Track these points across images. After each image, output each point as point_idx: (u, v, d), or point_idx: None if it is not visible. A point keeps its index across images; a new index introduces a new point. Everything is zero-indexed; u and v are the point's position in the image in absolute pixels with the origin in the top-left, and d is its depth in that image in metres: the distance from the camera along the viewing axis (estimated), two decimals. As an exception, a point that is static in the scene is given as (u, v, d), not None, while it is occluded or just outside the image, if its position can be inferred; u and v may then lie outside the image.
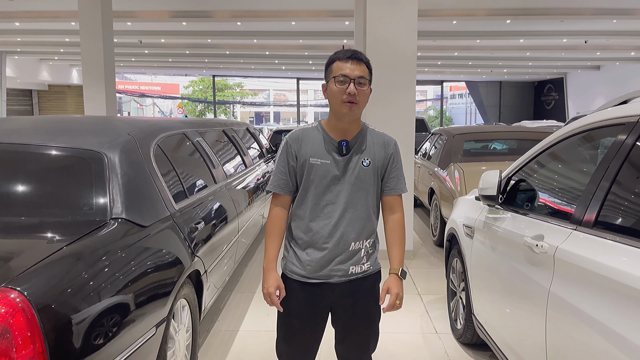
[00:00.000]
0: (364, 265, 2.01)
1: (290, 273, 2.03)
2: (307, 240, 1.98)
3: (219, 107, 34.26)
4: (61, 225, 2.23)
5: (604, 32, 13.87)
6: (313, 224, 1.96)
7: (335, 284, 1.99)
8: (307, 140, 1.97)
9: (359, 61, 1.89)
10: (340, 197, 1.94)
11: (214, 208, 3.47)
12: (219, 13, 11.58)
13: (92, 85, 8.49)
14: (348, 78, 1.86)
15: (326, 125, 1.99)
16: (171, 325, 2.46)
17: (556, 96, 27.80)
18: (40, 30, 14.03)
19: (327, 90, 1.93)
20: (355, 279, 2.00)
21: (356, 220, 1.96)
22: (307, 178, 1.96)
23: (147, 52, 17.97)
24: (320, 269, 1.97)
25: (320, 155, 1.94)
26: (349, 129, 1.96)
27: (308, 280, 1.99)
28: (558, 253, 1.92)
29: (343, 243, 1.96)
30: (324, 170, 1.94)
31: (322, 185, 1.94)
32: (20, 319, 1.60)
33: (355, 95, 1.86)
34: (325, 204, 1.95)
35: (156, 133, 3.13)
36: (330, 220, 1.95)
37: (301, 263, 1.99)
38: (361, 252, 2.00)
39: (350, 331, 2.07)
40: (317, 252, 1.97)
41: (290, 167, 1.98)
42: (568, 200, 2.25)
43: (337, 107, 1.90)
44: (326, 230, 1.95)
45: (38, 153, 2.55)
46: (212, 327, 3.69)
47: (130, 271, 2.12)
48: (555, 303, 1.91)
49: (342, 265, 1.97)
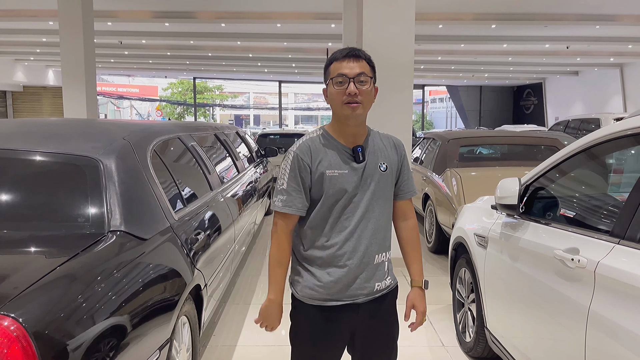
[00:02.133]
0: (387, 281, 1.86)
1: (308, 299, 1.81)
2: (327, 259, 1.78)
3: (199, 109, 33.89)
4: (55, 240, 2.03)
5: (586, 38, 14.06)
6: (334, 240, 1.77)
7: (360, 304, 1.81)
8: (319, 150, 1.76)
9: (357, 58, 1.72)
10: (361, 208, 1.76)
11: (211, 217, 3.29)
12: (203, 14, 11.36)
13: (72, 86, 8.21)
14: (347, 77, 1.69)
15: (332, 132, 1.79)
16: (173, 346, 2.27)
17: (535, 101, 28.19)
18: (17, 29, 13.63)
19: (327, 93, 1.77)
20: (379, 297, 1.85)
21: (379, 231, 1.80)
22: (326, 192, 1.75)
23: (127, 53, 17.62)
24: (346, 288, 1.78)
25: (336, 166, 1.75)
26: (357, 133, 1.78)
27: (330, 304, 1.79)
28: (600, 269, 1.80)
29: (367, 257, 1.78)
30: (342, 181, 1.74)
31: (343, 198, 1.75)
32: (16, 348, 1.41)
33: (357, 95, 1.69)
34: (346, 217, 1.76)
35: (152, 137, 2.94)
36: (353, 234, 1.76)
37: (322, 285, 1.78)
38: (384, 265, 1.85)
39: (372, 354, 1.90)
40: (340, 271, 1.77)
41: (304, 182, 1.76)
42: (604, 212, 2.14)
43: (339, 110, 1.72)
44: (350, 246, 1.76)
45: (27, 159, 2.34)
46: (208, 342, 3.49)
47: (131, 291, 1.92)
48: (597, 321, 1.79)
49: (367, 283, 1.80)
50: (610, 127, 2.11)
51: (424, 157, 6.86)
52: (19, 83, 22.97)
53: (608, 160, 2.33)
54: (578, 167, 2.43)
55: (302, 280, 1.82)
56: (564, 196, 2.45)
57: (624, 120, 2.00)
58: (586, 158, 2.33)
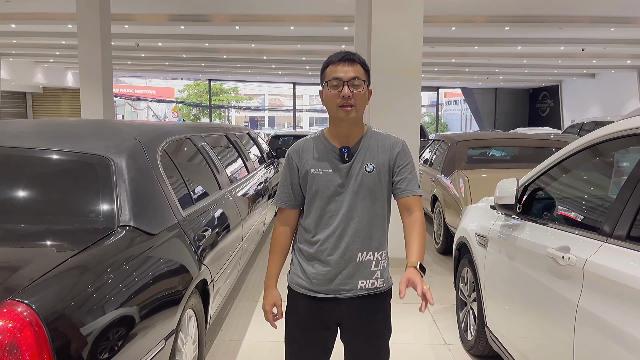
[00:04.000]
0: (376, 281, 1.89)
1: (296, 286, 1.93)
2: (312, 253, 1.88)
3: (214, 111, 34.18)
4: (68, 234, 2.14)
5: (602, 40, 13.95)
6: (318, 236, 1.87)
7: (343, 299, 1.87)
8: (308, 150, 1.89)
9: (352, 62, 1.79)
10: (344, 207, 1.84)
11: (219, 215, 3.38)
12: (217, 17, 11.52)
13: (89, 88, 8.39)
14: (341, 81, 1.76)
15: (327, 134, 1.89)
16: (179, 338, 2.37)
17: (551, 103, 27.95)
18: (37, 32, 13.93)
19: (323, 95, 1.84)
20: (365, 295, 1.88)
21: (362, 229, 1.85)
22: (309, 189, 1.87)
23: (143, 55, 17.88)
24: (327, 283, 1.86)
25: (321, 165, 1.85)
26: (350, 134, 1.85)
27: (315, 295, 1.89)
28: (588, 266, 1.85)
29: (349, 255, 1.85)
30: (325, 180, 1.84)
31: (325, 196, 1.85)
32: (29, 333, 1.51)
33: (351, 98, 1.76)
34: (329, 214, 1.85)
35: (162, 137, 3.05)
36: (335, 232, 1.84)
37: (307, 276, 1.89)
38: (371, 264, 1.88)
39: (358, 351, 1.95)
40: (322, 266, 1.86)
41: (293, 180, 1.90)
42: (595, 212, 2.19)
43: (334, 112, 1.81)
44: (331, 242, 1.85)
45: (43, 157, 2.46)
46: (215, 337, 3.59)
47: (139, 282, 2.02)
48: (584, 317, 1.84)
49: (350, 280, 1.86)
50: (603, 130, 2.17)
51: (433, 159, 6.91)
52: (38, 84, 23.45)
53: (601, 161, 2.38)
54: (573, 168, 2.48)
55: (293, 269, 1.96)
56: (559, 196, 2.51)
57: (615, 123, 2.05)
58: (581, 159, 2.38)
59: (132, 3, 10.42)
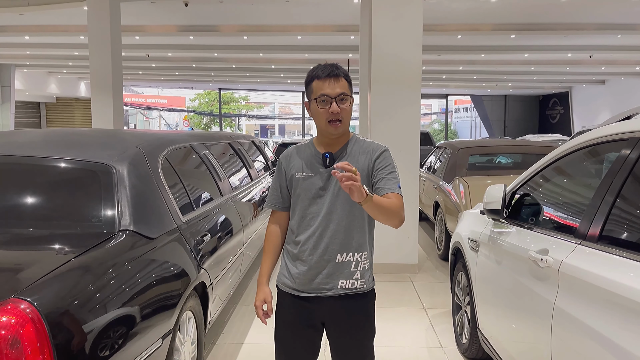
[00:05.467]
0: (356, 282, 1.96)
1: (283, 286, 2.04)
2: (295, 253, 1.99)
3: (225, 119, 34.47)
4: (70, 237, 2.26)
5: (609, 47, 13.94)
6: (300, 236, 1.98)
7: (325, 297, 1.96)
8: (296, 156, 2.02)
9: (337, 77, 1.87)
10: (324, 209, 1.93)
11: (220, 220, 3.49)
12: (226, 27, 11.73)
13: (100, 99, 8.58)
14: (329, 97, 1.86)
15: (315, 141, 2.01)
16: (177, 337, 2.47)
17: (561, 110, 27.84)
18: (50, 43, 14.24)
19: (310, 109, 1.94)
20: (346, 295, 1.96)
21: (341, 231, 1.93)
22: (294, 192, 1.99)
23: (154, 65, 18.17)
24: (309, 282, 1.96)
25: (305, 169, 1.97)
26: (335, 142, 1.96)
27: (298, 294, 1.99)
28: (563, 267, 1.93)
29: (328, 255, 1.93)
30: (308, 184, 1.95)
31: (307, 198, 1.96)
32: (30, 329, 1.62)
33: (339, 114, 1.87)
34: (310, 216, 1.96)
35: (164, 146, 3.17)
36: (315, 232, 1.94)
37: (291, 276, 2.00)
38: (351, 265, 1.95)
39: (342, 349, 2.02)
40: (303, 265, 1.96)
41: (281, 183, 2.03)
42: (573, 215, 2.26)
43: (323, 127, 1.91)
44: (311, 243, 1.95)
45: (48, 165, 2.59)
46: (217, 340, 3.69)
47: (137, 283, 2.14)
48: (560, 317, 1.91)
49: (330, 279, 1.95)
50: (582, 137, 2.25)
51: (436, 166, 6.98)
52: (52, 95, 23.88)
53: (581, 166, 2.46)
54: (556, 174, 2.56)
55: (280, 269, 2.08)
56: (543, 201, 2.58)
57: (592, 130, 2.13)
58: (563, 165, 2.47)
59: (142, 15, 10.66)
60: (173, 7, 9.91)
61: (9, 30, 12.16)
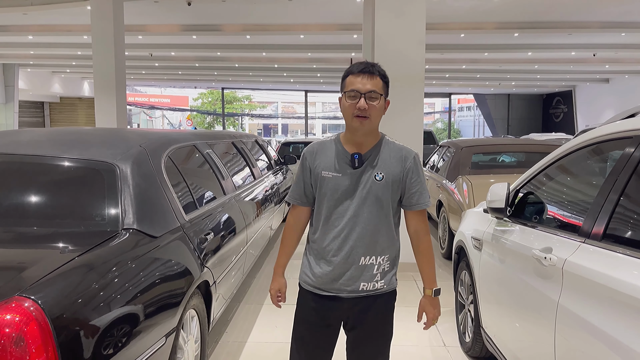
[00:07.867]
0: (376, 284, 1.97)
1: (304, 283, 2.05)
2: (319, 253, 1.99)
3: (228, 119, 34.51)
4: (74, 236, 2.27)
5: (613, 45, 13.89)
6: (324, 236, 1.97)
7: (345, 298, 1.97)
8: (322, 153, 1.98)
9: (371, 75, 1.87)
10: (350, 211, 1.92)
11: (223, 219, 3.50)
12: (228, 27, 11.73)
13: (103, 98, 8.60)
14: (359, 93, 1.85)
15: (343, 138, 1.98)
16: (180, 336, 2.47)
17: (565, 109, 27.77)
18: (53, 43, 14.28)
19: (341, 103, 1.94)
20: (366, 296, 1.98)
21: (366, 235, 1.93)
22: (319, 191, 1.97)
23: (157, 64, 18.20)
24: (331, 282, 1.97)
25: (332, 169, 1.94)
26: (364, 142, 1.94)
27: (319, 292, 2.00)
28: (567, 266, 1.93)
29: (352, 258, 1.93)
30: (335, 184, 1.93)
31: (334, 199, 1.94)
32: (34, 327, 1.62)
33: (366, 110, 1.84)
34: (336, 217, 1.94)
35: (167, 145, 3.17)
36: (340, 234, 1.93)
37: (314, 274, 2.00)
38: (374, 268, 1.96)
39: (359, 346, 2.05)
40: (327, 265, 1.97)
41: (305, 179, 2.01)
42: (576, 213, 2.26)
43: (349, 121, 1.90)
44: (336, 244, 1.94)
45: (52, 164, 2.60)
46: (220, 338, 3.70)
47: (141, 281, 2.14)
48: (564, 316, 1.91)
49: (352, 281, 1.95)
50: (586, 135, 2.24)
51: (439, 165, 6.97)
52: (56, 94, 23.94)
53: (585, 164, 2.45)
54: (560, 172, 2.56)
55: (302, 267, 2.07)
56: (546, 199, 2.58)
57: (596, 129, 2.12)
58: (566, 163, 2.46)
59: (145, 14, 10.67)
60: (176, 6, 9.92)
61: (12, 30, 12.20)
